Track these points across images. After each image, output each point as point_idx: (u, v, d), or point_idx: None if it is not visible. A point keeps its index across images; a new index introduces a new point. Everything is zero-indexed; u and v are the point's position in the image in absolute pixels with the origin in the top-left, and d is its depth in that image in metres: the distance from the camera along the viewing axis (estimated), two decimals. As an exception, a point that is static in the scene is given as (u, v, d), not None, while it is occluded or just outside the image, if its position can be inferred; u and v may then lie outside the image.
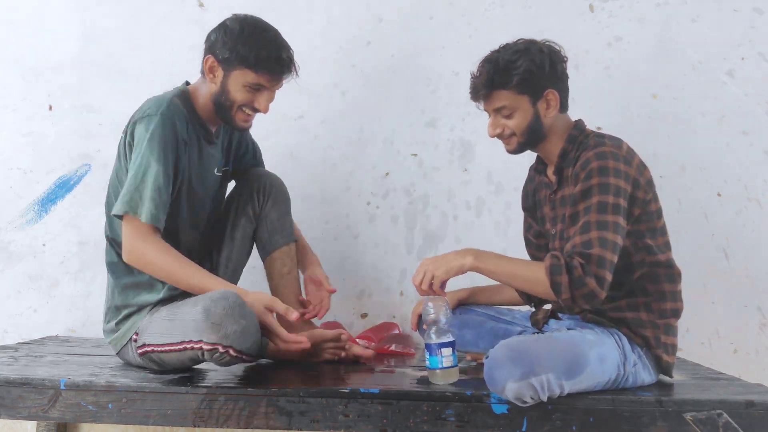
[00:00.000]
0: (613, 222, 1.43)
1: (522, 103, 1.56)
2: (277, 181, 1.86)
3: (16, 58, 2.32)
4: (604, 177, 1.44)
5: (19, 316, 2.26)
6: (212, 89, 1.67)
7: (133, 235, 1.54)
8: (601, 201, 1.43)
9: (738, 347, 2.12)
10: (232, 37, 1.62)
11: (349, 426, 1.39)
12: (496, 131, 1.60)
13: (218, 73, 1.65)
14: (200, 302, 1.43)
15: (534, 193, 1.76)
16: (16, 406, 1.44)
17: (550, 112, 1.57)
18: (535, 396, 1.32)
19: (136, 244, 1.54)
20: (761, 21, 2.17)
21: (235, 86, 1.64)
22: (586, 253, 1.40)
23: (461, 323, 1.79)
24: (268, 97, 1.68)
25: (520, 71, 1.53)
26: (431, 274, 1.50)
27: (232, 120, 1.69)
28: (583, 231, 1.43)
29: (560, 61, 1.58)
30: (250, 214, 1.83)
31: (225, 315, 1.39)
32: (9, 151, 2.30)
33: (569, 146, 1.58)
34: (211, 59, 1.65)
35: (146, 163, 1.55)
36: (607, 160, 1.46)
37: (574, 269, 1.39)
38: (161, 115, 1.58)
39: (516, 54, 1.54)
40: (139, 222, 1.53)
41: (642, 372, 1.50)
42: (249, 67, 1.62)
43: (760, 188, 2.15)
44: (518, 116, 1.57)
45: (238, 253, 1.84)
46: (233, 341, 1.39)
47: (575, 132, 1.59)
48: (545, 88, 1.55)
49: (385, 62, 2.26)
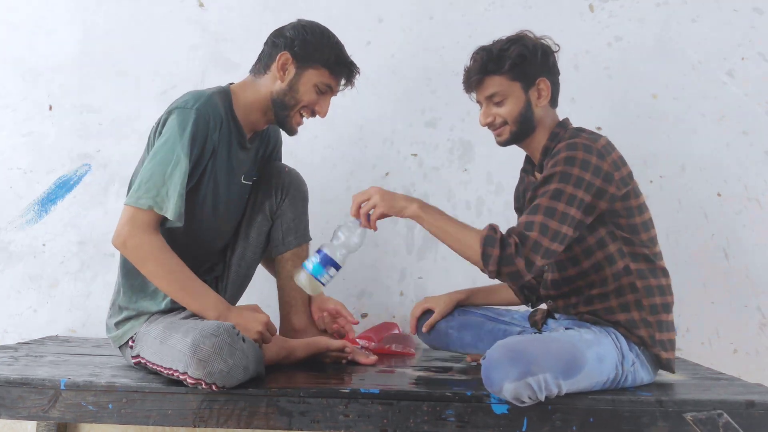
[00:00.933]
0: (563, 212, 1.43)
1: (514, 89, 1.57)
2: (297, 178, 1.82)
3: (16, 58, 2.32)
4: (569, 167, 1.45)
5: (19, 316, 2.26)
6: (276, 87, 1.65)
7: (138, 224, 1.50)
8: (557, 188, 1.44)
9: (738, 347, 2.13)
10: (315, 37, 1.64)
11: (350, 426, 1.39)
12: (488, 120, 1.61)
13: (290, 70, 1.64)
14: (190, 334, 1.39)
15: (524, 193, 1.76)
16: (16, 406, 1.44)
17: (542, 101, 1.58)
18: (533, 396, 1.32)
19: (137, 233, 1.49)
20: (761, 21, 2.17)
21: (306, 85, 1.64)
22: (524, 233, 1.42)
23: (460, 325, 1.79)
24: (328, 102, 1.70)
25: (513, 56, 1.55)
26: (374, 203, 1.51)
27: (289, 120, 1.68)
28: (530, 213, 1.45)
29: (551, 53, 1.60)
30: (266, 212, 1.79)
31: (212, 353, 1.35)
32: (9, 151, 2.30)
33: (551, 143, 1.58)
34: (286, 55, 1.63)
35: (176, 158, 1.51)
36: (576, 151, 1.46)
37: (507, 246, 1.41)
38: (196, 110, 1.55)
39: (508, 42, 1.57)
40: (151, 214, 1.50)
41: (640, 371, 1.50)
42: (327, 68, 1.64)
43: (760, 188, 2.15)
44: (510, 103, 1.57)
45: (252, 252, 1.79)
46: (217, 379, 1.36)
47: (558, 129, 1.60)
48: (537, 75, 1.57)
49: (385, 62, 2.26)
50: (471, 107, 2.24)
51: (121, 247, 1.51)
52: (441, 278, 2.20)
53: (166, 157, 1.51)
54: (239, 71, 1.77)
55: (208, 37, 2.29)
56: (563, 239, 1.44)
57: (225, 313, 1.52)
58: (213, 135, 1.58)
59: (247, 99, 1.67)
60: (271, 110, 1.68)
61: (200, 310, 1.53)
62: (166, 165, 1.51)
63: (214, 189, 1.66)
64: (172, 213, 1.50)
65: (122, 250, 1.52)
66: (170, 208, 1.50)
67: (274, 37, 1.68)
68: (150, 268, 1.52)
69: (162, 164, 1.51)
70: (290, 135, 1.74)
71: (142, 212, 1.50)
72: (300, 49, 1.63)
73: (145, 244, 1.50)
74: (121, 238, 1.50)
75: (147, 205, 1.49)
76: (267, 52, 1.68)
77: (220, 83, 1.73)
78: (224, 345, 1.37)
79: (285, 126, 1.70)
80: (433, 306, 1.84)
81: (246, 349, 1.41)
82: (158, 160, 1.52)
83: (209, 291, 1.55)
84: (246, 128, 1.70)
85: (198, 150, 1.55)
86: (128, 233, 1.50)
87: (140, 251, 1.51)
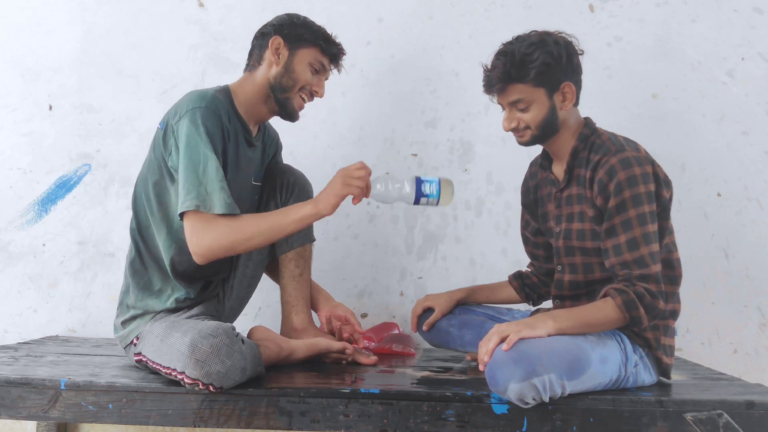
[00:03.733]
0: (653, 232, 1.45)
1: (538, 96, 1.53)
2: (301, 178, 1.83)
3: (16, 58, 2.32)
4: (635, 187, 1.44)
5: (19, 316, 2.26)
6: (273, 72, 1.68)
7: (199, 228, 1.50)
8: (639, 214, 1.44)
9: (738, 347, 2.12)
10: (300, 20, 1.72)
11: (350, 426, 1.39)
12: (512, 125, 1.58)
13: (283, 52, 1.68)
14: (189, 334, 1.40)
15: (536, 189, 1.74)
16: (16, 406, 1.44)
17: (567, 105, 1.55)
18: (537, 396, 1.32)
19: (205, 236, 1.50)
20: (761, 21, 2.17)
21: (301, 65, 1.68)
22: (645, 274, 1.42)
23: (461, 324, 1.79)
24: (323, 82, 1.74)
25: (537, 64, 1.50)
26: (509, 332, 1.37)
27: (290, 103, 1.70)
28: (632, 248, 1.43)
29: (576, 53, 1.56)
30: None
31: (210, 353, 1.36)
32: (9, 151, 2.30)
33: (581, 145, 1.57)
34: (278, 39, 1.68)
35: (203, 156, 1.52)
36: (632, 168, 1.45)
37: (644, 297, 1.41)
38: (206, 107, 1.57)
39: (532, 47, 1.51)
40: (203, 215, 1.50)
41: (643, 373, 1.50)
42: (317, 45, 1.70)
43: (760, 188, 2.15)
44: (534, 109, 1.54)
45: (258, 253, 1.78)
46: (214, 380, 1.37)
47: (587, 131, 1.58)
48: (562, 80, 1.53)
49: (385, 62, 2.26)
50: (471, 107, 2.25)
51: (205, 256, 1.53)
52: (441, 278, 2.20)
53: (194, 160, 1.53)
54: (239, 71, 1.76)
55: (208, 37, 2.29)
56: (659, 255, 1.46)
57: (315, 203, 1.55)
58: (227, 125, 1.61)
59: (247, 93, 1.70)
60: (272, 97, 1.69)
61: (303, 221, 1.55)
62: (196, 166, 1.52)
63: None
64: (219, 207, 1.51)
65: (210, 256, 1.53)
66: (216, 203, 1.51)
67: (261, 30, 1.74)
68: (241, 246, 1.55)
69: (192, 167, 1.52)
70: (292, 120, 1.75)
71: (194, 215, 1.51)
72: (289, 31, 1.69)
73: (219, 238, 1.51)
74: (200, 250, 1.52)
75: (194, 205, 1.50)
76: (257, 45, 1.72)
77: (220, 83, 1.73)
78: (222, 346, 1.37)
79: (287, 110, 1.71)
80: (434, 304, 1.84)
81: (244, 351, 1.41)
82: (186, 166, 1.53)
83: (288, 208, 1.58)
84: (250, 123, 1.72)
85: (220, 141, 1.57)
86: (197, 242, 1.51)
87: (221, 246, 1.52)
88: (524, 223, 1.81)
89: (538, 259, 1.80)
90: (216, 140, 1.56)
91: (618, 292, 1.42)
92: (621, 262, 1.45)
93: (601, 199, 1.49)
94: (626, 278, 1.44)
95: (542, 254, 1.78)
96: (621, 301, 1.41)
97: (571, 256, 1.59)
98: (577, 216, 1.57)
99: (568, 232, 1.58)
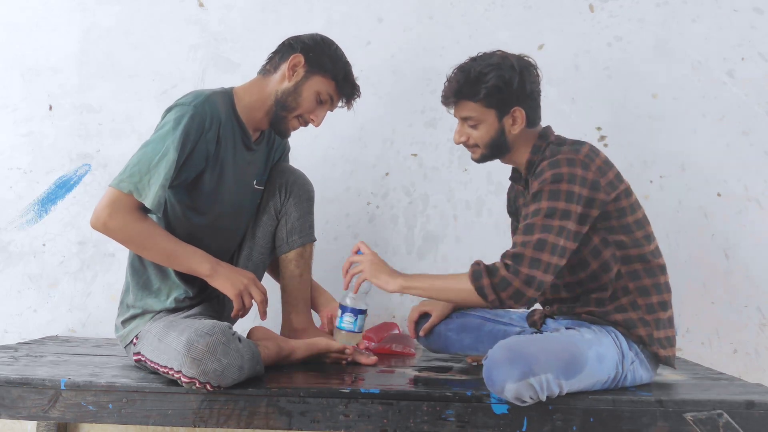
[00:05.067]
0: (559, 226, 1.43)
1: (488, 116, 1.56)
2: (301, 178, 1.83)
3: (16, 58, 2.31)
4: (556, 184, 1.45)
5: (19, 316, 2.26)
6: (283, 86, 1.67)
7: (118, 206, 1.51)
8: (550, 206, 1.44)
9: (738, 347, 2.13)
10: (330, 50, 1.69)
11: (350, 426, 1.39)
12: (461, 139, 1.62)
13: (299, 72, 1.67)
14: (186, 332, 1.41)
15: (515, 199, 1.79)
16: (16, 406, 1.44)
17: (515, 128, 1.57)
18: (534, 396, 1.32)
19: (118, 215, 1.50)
20: (761, 21, 2.17)
21: (309, 90, 1.67)
22: (519, 253, 1.42)
23: (459, 327, 1.79)
24: (325, 113, 1.73)
25: (488, 86, 1.53)
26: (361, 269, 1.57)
27: (285, 123, 1.70)
28: (525, 233, 1.45)
29: (531, 80, 1.57)
30: (272, 212, 1.79)
31: (206, 352, 1.36)
32: (9, 151, 2.30)
33: (534, 157, 1.59)
34: (299, 57, 1.66)
35: (166, 149, 1.52)
36: (560, 168, 1.46)
37: (497, 271, 1.42)
38: (194, 107, 1.57)
39: (488, 67, 1.54)
40: (131, 199, 1.51)
41: (640, 369, 1.50)
42: (335, 80, 1.68)
43: (760, 188, 2.15)
44: (483, 128, 1.58)
45: (259, 253, 1.79)
46: (211, 378, 1.37)
47: (539, 142, 1.59)
48: (512, 104, 1.55)
49: (385, 62, 2.26)
50: (471, 107, 2.25)
51: (102, 227, 1.52)
52: (441, 278, 2.20)
53: (156, 148, 1.53)
54: (239, 71, 1.77)
55: (208, 37, 2.29)
56: (563, 252, 1.44)
57: (215, 266, 1.57)
58: (208, 134, 1.59)
59: (251, 98, 1.69)
60: (273, 110, 1.69)
61: (192, 269, 1.57)
62: (154, 155, 1.53)
63: (220, 189, 1.66)
64: (150, 202, 1.51)
65: (103, 230, 1.53)
66: (149, 197, 1.51)
67: (292, 40, 1.71)
68: (135, 246, 1.57)
69: (150, 153, 1.53)
70: (282, 138, 1.78)
71: (123, 196, 1.51)
72: (314, 55, 1.67)
73: (128, 225, 1.52)
74: (101, 220, 1.52)
75: (127, 189, 1.51)
76: (280, 53, 1.70)
77: (220, 83, 1.73)
78: (218, 344, 1.37)
79: (280, 126, 1.71)
80: (430, 309, 1.84)
81: (241, 349, 1.41)
82: (148, 149, 1.54)
83: (196, 250, 1.58)
84: (250, 128, 1.71)
85: (190, 146, 1.56)
86: (108, 215, 1.51)
87: (122, 232, 1.53)
88: (513, 228, 1.84)
89: None
90: (188, 141, 1.55)
91: (472, 265, 1.46)
92: (513, 242, 1.47)
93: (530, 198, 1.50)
94: (502, 255, 1.45)
95: None
96: (470, 271, 1.45)
97: None
98: None
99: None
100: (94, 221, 1.53)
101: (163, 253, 1.56)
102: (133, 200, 1.51)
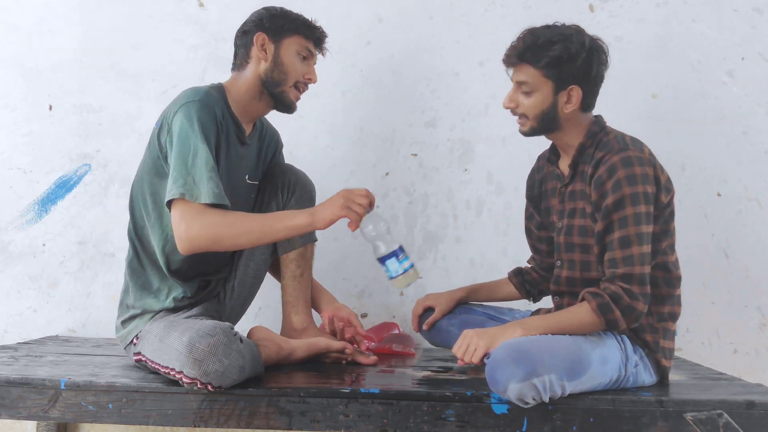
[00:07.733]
0: (647, 233, 1.44)
1: (543, 86, 1.52)
2: (303, 177, 1.82)
3: (16, 58, 2.31)
4: (633, 186, 1.43)
5: (19, 316, 2.26)
6: (262, 67, 1.68)
7: (186, 216, 1.48)
8: (636, 212, 1.43)
9: (738, 347, 2.13)
10: (278, 11, 1.71)
11: (350, 426, 1.39)
12: (510, 105, 1.57)
13: (269, 47, 1.68)
14: (187, 333, 1.40)
15: (541, 182, 1.74)
16: (16, 406, 1.44)
17: (569, 107, 1.53)
18: (537, 397, 1.32)
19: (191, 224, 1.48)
20: (761, 21, 2.17)
21: (289, 55, 1.69)
22: (629, 273, 1.41)
23: (461, 323, 1.79)
24: (314, 68, 1.74)
25: (552, 55, 1.49)
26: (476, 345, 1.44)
27: (286, 96, 1.70)
28: (623, 246, 1.43)
29: (598, 63, 1.53)
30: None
31: (208, 353, 1.36)
32: (9, 151, 2.30)
33: (588, 141, 1.56)
34: (261, 35, 1.68)
35: (194, 147, 1.52)
36: (633, 167, 1.45)
37: (620, 299, 1.40)
38: (200, 101, 1.57)
39: (558, 36, 1.51)
40: (193, 205, 1.48)
41: (643, 373, 1.50)
42: (300, 33, 1.70)
43: (760, 188, 2.15)
44: (535, 98, 1.53)
45: (260, 252, 1.78)
46: (212, 379, 1.37)
47: (595, 128, 1.57)
48: (571, 82, 1.51)
49: (385, 62, 2.26)
50: (471, 107, 2.25)
51: (189, 243, 1.49)
52: (441, 278, 2.20)
53: (184, 150, 1.52)
54: (239, 71, 1.77)
55: (208, 37, 2.29)
56: (649, 257, 1.45)
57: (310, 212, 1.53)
58: (221, 121, 1.61)
59: (240, 90, 1.70)
60: (265, 93, 1.70)
61: (294, 228, 1.53)
62: (186, 156, 1.52)
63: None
64: (207, 196, 1.49)
65: (193, 243, 1.49)
66: (204, 192, 1.49)
67: (243, 28, 1.74)
68: (227, 240, 1.52)
69: (182, 157, 1.52)
70: (290, 112, 1.75)
71: (182, 204, 1.49)
72: (270, 24, 1.69)
73: (206, 227, 1.49)
74: (183, 237, 1.49)
75: (179, 193, 1.49)
76: (241, 43, 1.73)
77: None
78: (220, 345, 1.37)
79: (283, 102, 1.71)
80: (435, 304, 1.84)
81: (242, 350, 1.41)
82: (177, 156, 1.52)
83: (281, 213, 1.58)
84: (244, 120, 1.72)
85: (213, 134, 1.57)
86: (184, 229, 1.49)
87: (206, 235, 1.49)
88: (528, 215, 1.80)
89: (540, 253, 1.80)
90: (209, 132, 1.56)
91: (593, 296, 1.42)
92: (610, 258, 1.44)
93: (596, 195, 1.48)
94: (609, 277, 1.43)
95: (545, 248, 1.77)
96: (596, 305, 1.41)
97: (571, 252, 1.58)
98: (579, 212, 1.56)
99: (570, 227, 1.58)
100: (180, 244, 1.50)
101: (254, 234, 1.53)
102: (192, 204, 1.49)
